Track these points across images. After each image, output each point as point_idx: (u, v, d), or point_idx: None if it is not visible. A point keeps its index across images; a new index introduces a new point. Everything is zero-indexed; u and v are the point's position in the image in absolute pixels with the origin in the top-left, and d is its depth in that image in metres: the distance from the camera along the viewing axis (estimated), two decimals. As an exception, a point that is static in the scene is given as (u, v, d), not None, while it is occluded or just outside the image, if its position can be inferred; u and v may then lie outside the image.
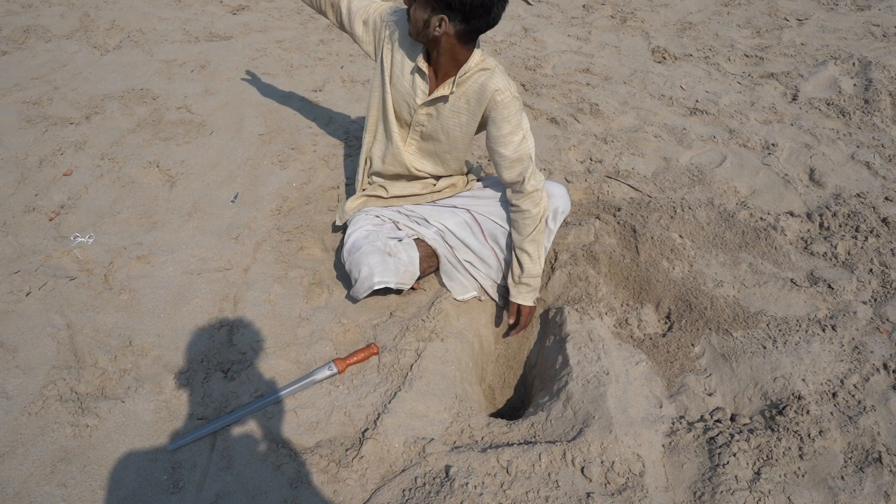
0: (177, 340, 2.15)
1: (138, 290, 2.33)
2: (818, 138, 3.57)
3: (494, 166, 2.25)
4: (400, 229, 2.35)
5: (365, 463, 1.76)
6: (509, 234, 2.39)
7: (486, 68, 2.09)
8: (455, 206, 2.43)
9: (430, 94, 2.15)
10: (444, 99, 2.14)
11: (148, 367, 2.05)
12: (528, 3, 5.95)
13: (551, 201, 2.35)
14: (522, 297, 2.35)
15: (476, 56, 2.07)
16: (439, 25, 1.92)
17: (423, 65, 2.11)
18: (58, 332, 2.12)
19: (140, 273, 2.41)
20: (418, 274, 2.27)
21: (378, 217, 2.37)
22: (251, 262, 2.50)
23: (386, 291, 2.36)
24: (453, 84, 2.09)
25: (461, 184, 2.50)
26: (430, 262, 2.36)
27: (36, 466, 1.72)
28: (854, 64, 4.54)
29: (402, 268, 2.20)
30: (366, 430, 1.86)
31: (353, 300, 2.35)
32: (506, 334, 2.51)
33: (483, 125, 2.21)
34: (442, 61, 2.07)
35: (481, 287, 2.46)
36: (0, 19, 4.55)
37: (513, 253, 2.37)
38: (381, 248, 2.19)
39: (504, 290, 2.49)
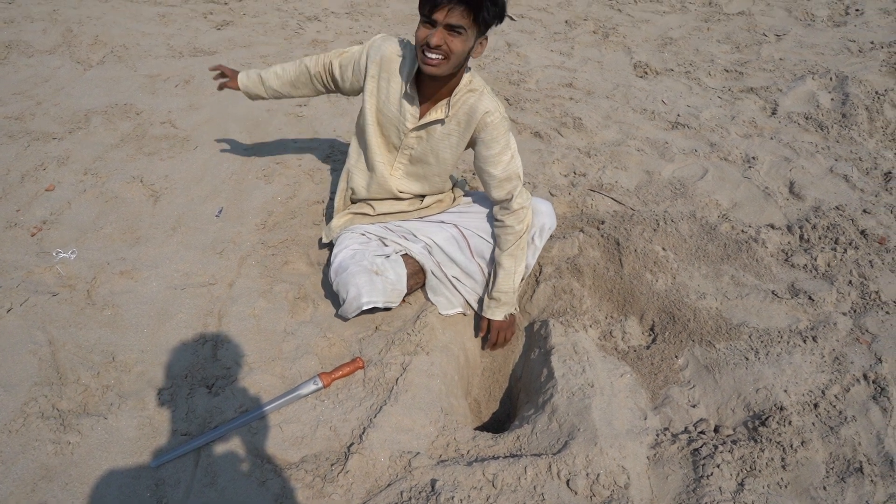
0: (160, 356, 2.13)
1: (121, 305, 2.32)
2: (797, 152, 3.62)
3: (483, 184, 2.27)
4: (387, 245, 2.35)
5: (350, 478, 1.76)
6: (490, 246, 2.41)
7: (475, 89, 2.11)
8: (443, 221, 2.44)
9: (420, 117, 2.16)
10: (440, 122, 2.16)
11: (131, 383, 2.03)
12: (512, 19, 6.01)
13: (538, 218, 2.37)
14: (491, 311, 2.37)
15: (465, 77, 2.10)
16: (480, 45, 1.99)
17: (413, 90, 2.11)
18: (39, 349, 2.10)
19: (123, 288, 2.39)
20: (405, 292, 2.27)
21: (364, 235, 2.38)
22: (236, 277, 2.49)
23: (373, 307, 2.37)
24: (448, 107, 2.10)
25: (448, 199, 2.51)
26: (417, 279, 2.37)
27: (17, 485, 1.70)
28: (831, 79, 4.62)
29: (389, 286, 2.20)
30: (351, 444, 1.85)
31: (341, 318, 2.35)
32: (483, 347, 2.52)
33: (471, 145, 2.23)
34: (435, 84, 2.07)
35: (466, 303, 2.46)
36: (-18, 34, 4.52)
37: (490, 268, 2.40)
38: (368, 267, 2.19)
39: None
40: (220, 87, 2.63)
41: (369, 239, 2.36)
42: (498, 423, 2.33)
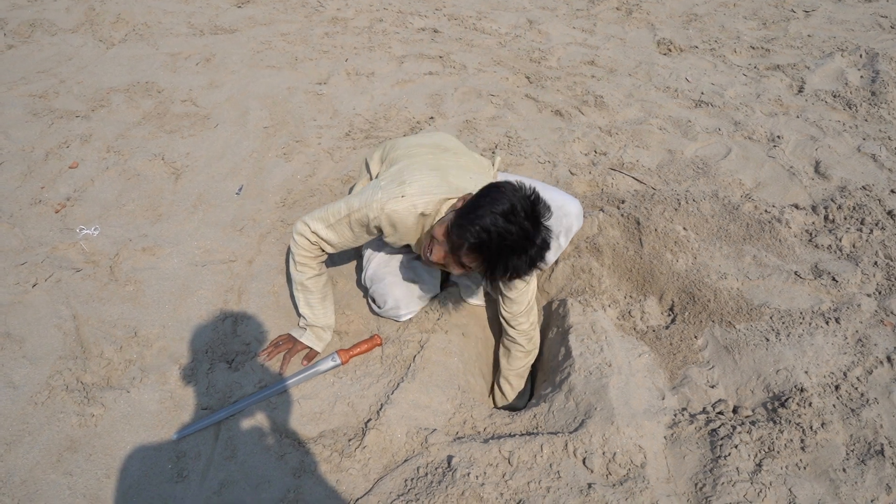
0: (182, 331, 2.16)
1: (143, 281, 2.35)
2: (824, 130, 3.55)
3: (497, 300, 2.18)
4: None
5: (368, 453, 1.77)
6: None
7: None
8: None
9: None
10: None
11: (153, 358, 2.06)
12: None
13: (566, 220, 2.32)
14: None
15: None
16: None
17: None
18: (64, 323, 2.14)
19: (145, 265, 2.42)
20: (439, 292, 2.30)
21: None
22: (256, 254, 2.51)
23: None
24: None
25: None
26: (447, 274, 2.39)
27: (42, 455, 1.74)
28: (861, 56, 4.51)
29: (425, 291, 2.23)
30: (369, 420, 1.87)
31: (363, 292, 2.35)
32: None
33: None
34: None
35: (488, 295, 2.45)
36: (6, 13, 4.56)
37: (497, 379, 2.30)
38: (405, 276, 2.20)
39: None
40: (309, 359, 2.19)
41: None
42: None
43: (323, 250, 2.03)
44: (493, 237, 1.58)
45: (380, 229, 1.92)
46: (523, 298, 2.07)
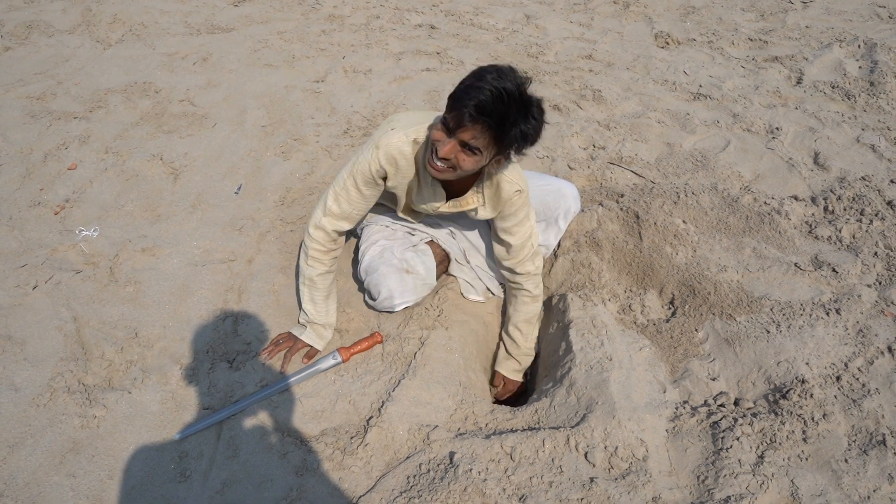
0: (182, 332, 2.16)
1: (143, 282, 2.35)
2: (823, 122, 3.55)
3: (496, 252, 2.21)
4: (413, 234, 2.35)
5: (370, 450, 1.78)
6: None
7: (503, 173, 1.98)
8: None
9: (447, 198, 2.06)
10: (473, 210, 2.08)
11: (154, 359, 2.06)
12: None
13: (563, 201, 2.34)
14: (511, 372, 2.31)
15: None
16: (498, 163, 1.82)
17: (438, 187, 2.01)
18: (64, 325, 2.14)
19: (145, 265, 2.42)
20: (434, 284, 2.30)
21: (388, 227, 2.37)
22: (255, 253, 2.51)
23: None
24: (482, 196, 2.02)
25: None
26: (444, 266, 2.39)
27: (45, 457, 1.74)
28: (859, 46, 4.50)
29: (420, 282, 2.23)
30: (370, 417, 1.87)
31: (359, 285, 2.36)
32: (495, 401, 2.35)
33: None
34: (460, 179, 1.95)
35: (488, 290, 2.45)
36: (2, 15, 4.55)
37: (505, 329, 2.32)
38: (399, 266, 2.20)
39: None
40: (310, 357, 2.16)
41: (395, 230, 2.36)
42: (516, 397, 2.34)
43: (339, 234, 2.07)
44: (493, 96, 1.58)
45: (383, 175, 1.96)
46: (523, 232, 2.09)
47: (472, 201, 2.04)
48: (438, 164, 1.74)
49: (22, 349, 2.04)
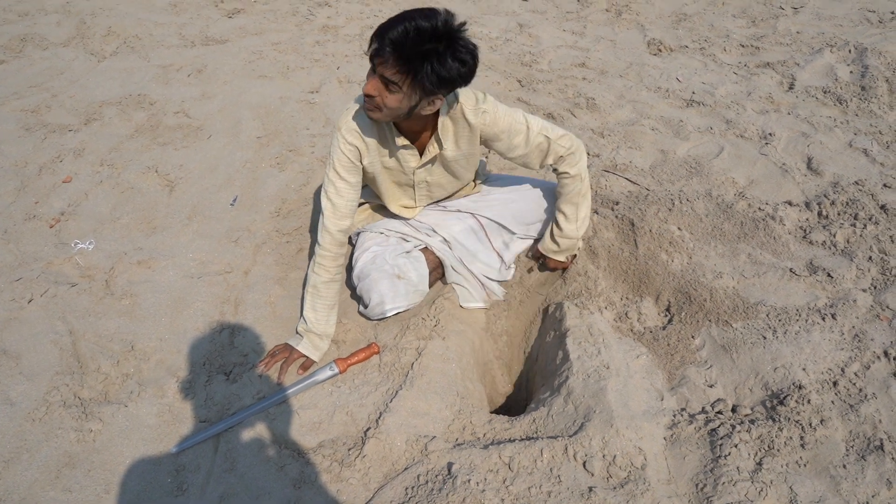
0: (178, 344, 2.16)
1: (139, 294, 2.34)
2: (815, 126, 3.56)
3: (521, 165, 2.24)
4: (407, 241, 2.36)
5: (367, 462, 1.77)
6: (510, 235, 2.44)
7: (455, 112, 2.02)
8: (459, 210, 2.43)
9: (420, 156, 2.11)
10: (439, 155, 2.12)
11: (150, 371, 2.06)
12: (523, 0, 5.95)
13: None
14: (552, 253, 2.42)
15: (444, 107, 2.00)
16: (430, 104, 1.83)
17: (400, 139, 2.02)
18: (60, 339, 2.13)
19: (141, 278, 2.42)
20: (427, 291, 2.31)
21: (382, 233, 2.38)
22: (251, 265, 2.51)
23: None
24: (438, 142, 2.05)
25: (468, 188, 2.49)
26: (438, 273, 2.40)
27: (41, 472, 1.73)
28: (850, 51, 4.53)
29: (412, 289, 2.24)
30: (368, 429, 1.87)
31: (352, 292, 2.36)
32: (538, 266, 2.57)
33: (483, 144, 2.16)
34: (409, 123, 1.97)
35: (487, 295, 2.46)
36: (-4, 28, 4.56)
37: (554, 211, 2.39)
38: (390, 271, 2.22)
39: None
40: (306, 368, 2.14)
41: (388, 237, 2.36)
42: (514, 406, 2.34)
43: (344, 234, 2.11)
44: (406, 31, 1.64)
45: (357, 155, 2.04)
46: (520, 139, 2.11)
47: (434, 147, 2.07)
48: (367, 104, 1.81)
49: (17, 363, 2.04)
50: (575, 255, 2.52)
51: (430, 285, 2.35)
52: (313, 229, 2.70)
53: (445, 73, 1.71)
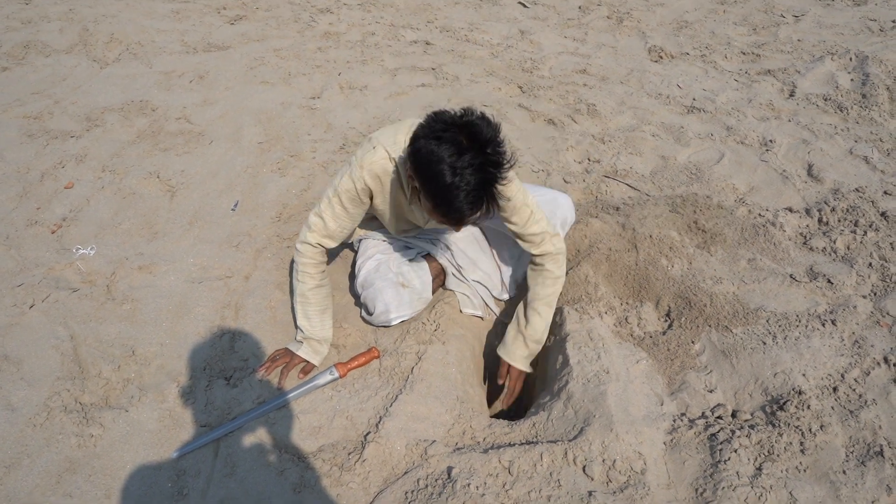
0: (179, 349, 2.16)
1: (140, 299, 2.35)
2: (816, 134, 3.57)
3: (511, 234, 2.15)
4: (410, 248, 2.37)
5: (367, 466, 1.77)
6: (512, 247, 2.40)
7: None
8: None
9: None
10: None
11: (151, 376, 2.06)
12: (524, 6, 5.97)
13: (559, 211, 2.34)
14: (519, 360, 2.18)
15: None
16: None
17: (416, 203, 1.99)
18: (61, 344, 2.14)
19: (142, 283, 2.43)
20: (430, 299, 2.32)
21: (385, 241, 2.39)
22: (252, 270, 2.52)
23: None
24: None
25: None
26: (440, 280, 2.40)
27: (42, 477, 1.73)
28: (851, 59, 4.54)
29: (416, 297, 2.25)
30: (368, 433, 1.87)
31: (355, 299, 2.37)
32: (502, 402, 2.29)
33: None
34: None
35: (486, 306, 2.46)
36: (0, 35, 4.58)
37: (521, 308, 2.23)
38: (394, 280, 2.22)
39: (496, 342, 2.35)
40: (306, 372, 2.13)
41: (391, 244, 2.38)
42: (514, 411, 2.34)
43: (325, 248, 2.07)
44: (477, 186, 1.59)
45: (369, 194, 1.99)
46: (522, 213, 2.02)
47: None
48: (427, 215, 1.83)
49: (18, 368, 2.04)
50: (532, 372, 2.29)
51: (433, 291, 2.36)
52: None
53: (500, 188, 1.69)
